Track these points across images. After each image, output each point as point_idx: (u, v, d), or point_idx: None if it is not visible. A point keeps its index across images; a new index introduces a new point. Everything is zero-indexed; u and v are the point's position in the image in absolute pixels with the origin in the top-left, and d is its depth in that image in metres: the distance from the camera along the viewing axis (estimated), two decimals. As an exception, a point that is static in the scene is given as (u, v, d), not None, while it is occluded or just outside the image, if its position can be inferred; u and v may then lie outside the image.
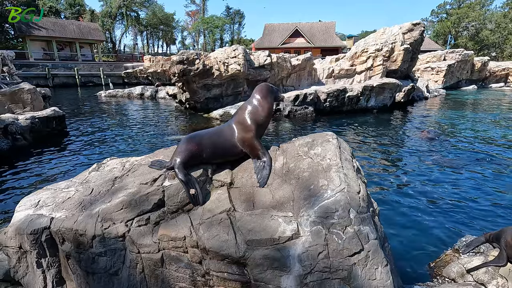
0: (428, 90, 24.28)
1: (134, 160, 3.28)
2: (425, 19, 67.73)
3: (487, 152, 9.04)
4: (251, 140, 2.83)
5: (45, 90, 12.86)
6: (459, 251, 3.65)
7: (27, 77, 25.16)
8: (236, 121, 2.91)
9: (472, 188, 6.35)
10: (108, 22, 52.75)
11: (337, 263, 2.04)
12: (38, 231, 2.54)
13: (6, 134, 8.53)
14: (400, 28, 18.78)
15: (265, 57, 15.65)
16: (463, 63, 31.64)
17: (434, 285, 3.14)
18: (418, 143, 10.16)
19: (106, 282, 2.48)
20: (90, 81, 32.48)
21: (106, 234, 2.40)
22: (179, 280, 2.30)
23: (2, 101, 9.98)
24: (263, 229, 2.20)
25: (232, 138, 2.85)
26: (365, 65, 17.99)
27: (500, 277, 2.96)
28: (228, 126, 2.95)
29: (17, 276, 2.81)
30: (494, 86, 34.84)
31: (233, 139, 2.85)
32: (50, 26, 37.64)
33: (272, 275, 2.07)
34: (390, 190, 6.26)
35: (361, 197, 2.33)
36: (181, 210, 2.52)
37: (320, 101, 15.40)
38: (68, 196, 2.86)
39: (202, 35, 67.42)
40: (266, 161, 2.78)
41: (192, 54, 14.02)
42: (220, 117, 13.84)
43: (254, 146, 2.83)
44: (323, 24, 50.45)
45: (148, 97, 22.65)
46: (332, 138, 2.94)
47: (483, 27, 56.71)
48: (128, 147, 9.67)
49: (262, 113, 2.90)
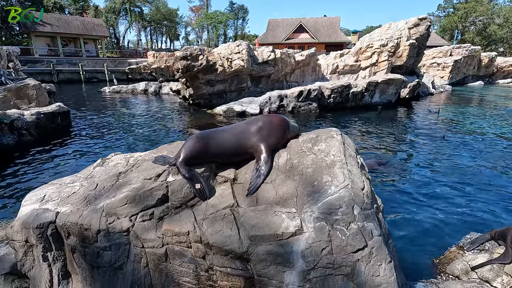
0: (434, 86, 24.00)
1: (138, 156, 3.30)
2: (431, 14, 66.74)
3: (494, 150, 8.94)
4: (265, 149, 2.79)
5: (50, 86, 12.95)
6: (464, 248, 3.62)
7: (32, 73, 25.28)
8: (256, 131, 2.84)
9: (477, 185, 6.29)
10: (112, 18, 52.78)
11: (340, 259, 2.03)
12: (44, 225, 2.57)
13: (12, 129, 8.62)
14: (406, 23, 18.52)
15: (269, 53, 15.56)
16: (470, 59, 31.17)
17: (438, 282, 3.12)
18: (423, 139, 10.07)
19: (111, 276, 2.51)
20: (94, 77, 32.58)
21: (111, 228, 2.42)
22: (183, 274, 2.32)
23: (8, 97, 10.06)
24: (267, 225, 2.20)
25: (243, 143, 2.80)
26: (370, 61, 17.81)
27: (505, 275, 2.94)
28: (241, 130, 2.87)
29: (24, 269, 2.86)
30: (501, 82, 34.34)
31: (244, 143, 2.80)
32: (54, 22, 37.73)
33: (275, 270, 2.08)
34: (394, 186, 6.22)
35: (365, 194, 2.32)
36: (185, 206, 2.53)
37: (324, 97, 15.31)
38: (73, 191, 2.88)
39: (206, 30, 67.24)
40: (264, 171, 2.67)
41: (195, 49, 13.99)
42: (224, 113, 13.83)
43: (263, 152, 2.79)
44: (327, 19, 49.92)
45: (152, 93, 22.70)
46: (336, 134, 2.92)
47: (491, 22, 55.71)
48: (132, 142, 9.72)
49: (275, 140, 2.88)
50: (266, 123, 2.90)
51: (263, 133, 2.83)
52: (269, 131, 2.85)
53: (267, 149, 2.77)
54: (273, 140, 2.85)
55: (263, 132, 2.83)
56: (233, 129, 2.93)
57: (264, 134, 2.83)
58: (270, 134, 2.85)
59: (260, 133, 2.82)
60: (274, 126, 2.91)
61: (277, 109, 14.30)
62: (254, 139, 2.80)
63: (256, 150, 2.78)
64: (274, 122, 2.93)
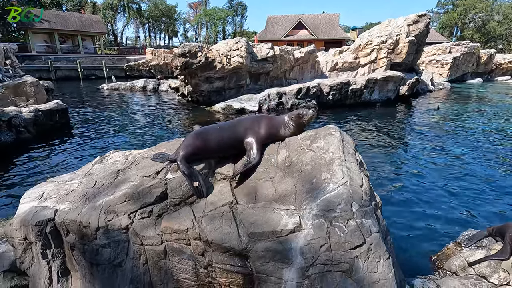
0: (433, 83, 24.00)
1: (137, 153, 3.29)
2: (431, 11, 66.47)
3: (492, 147, 8.97)
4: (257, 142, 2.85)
5: (47, 83, 12.85)
6: (461, 245, 3.65)
7: (30, 70, 25.13)
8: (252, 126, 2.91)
9: (475, 182, 6.32)
10: (109, 14, 52.42)
11: (339, 256, 2.04)
12: (42, 222, 2.57)
13: (10, 127, 8.58)
14: (405, 19, 18.48)
15: (267, 50, 15.50)
16: (469, 56, 31.16)
17: (436, 278, 3.15)
18: (421, 137, 10.09)
19: (110, 273, 2.52)
20: (92, 74, 32.40)
21: (110, 226, 2.42)
22: (182, 271, 2.32)
23: (6, 94, 10.01)
24: (266, 222, 2.21)
25: (241, 137, 2.86)
26: (369, 58, 17.78)
27: (502, 271, 2.96)
28: (243, 124, 2.93)
29: (23, 267, 2.86)
30: (500, 79, 34.36)
31: (241, 137, 2.86)
32: (52, 18, 37.43)
33: (274, 267, 2.09)
34: (393, 184, 6.24)
35: (364, 191, 2.32)
36: (184, 203, 2.53)
37: (323, 94, 15.29)
38: (71, 188, 2.88)
39: (205, 27, 66.90)
40: (253, 159, 2.74)
41: (194, 46, 13.92)
42: (223, 110, 13.80)
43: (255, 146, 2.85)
44: (326, 16, 49.72)
45: (150, 90, 22.62)
46: (335, 131, 2.92)
47: (490, 19, 55.61)
48: (131, 140, 9.70)
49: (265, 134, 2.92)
50: (258, 118, 3.02)
51: (255, 127, 2.91)
52: (260, 125, 2.94)
53: (257, 142, 2.84)
54: (263, 134, 2.92)
55: (255, 125, 2.92)
56: (230, 123, 3.01)
57: (256, 128, 2.91)
58: (261, 128, 2.93)
59: (252, 127, 2.91)
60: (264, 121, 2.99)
61: (276, 106, 14.28)
62: (248, 132, 2.88)
63: (247, 143, 2.86)
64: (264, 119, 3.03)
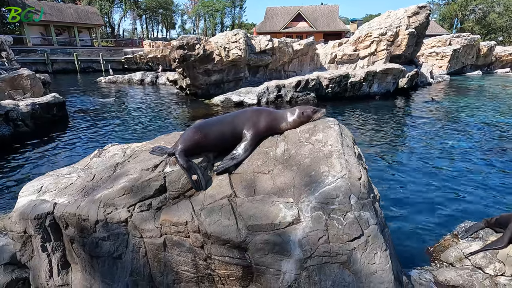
0: (432, 76, 23.92)
1: (135, 146, 3.28)
2: (431, 2, 65.67)
3: (490, 139, 8.99)
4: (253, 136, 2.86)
5: (44, 76, 12.75)
6: (458, 236, 3.69)
7: (26, 62, 24.85)
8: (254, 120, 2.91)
9: (472, 174, 6.36)
10: (106, 6, 51.57)
11: (337, 248, 2.06)
12: (41, 216, 2.57)
13: (7, 120, 8.53)
14: (406, 11, 18.30)
15: (266, 42, 15.37)
16: (469, 48, 30.95)
17: (433, 269, 3.19)
18: (420, 129, 10.10)
19: (110, 265, 2.54)
20: (89, 67, 32.06)
21: (109, 219, 2.43)
22: (181, 263, 2.34)
23: (2, 87, 9.92)
24: (264, 215, 2.22)
25: (240, 129, 2.86)
26: (369, 50, 17.66)
27: (497, 262, 3.00)
28: (243, 116, 2.92)
29: (23, 260, 2.88)
30: (499, 71, 34.24)
31: (241, 130, 2.86)
32: (47, 10, 36.80)
33: (273, 259, 2.10)
34: (391, 176, 6.28)
35: (362, 183, 2.33)
36: (183, 196, 2.54)
37: (322, 87, 15.23)
38: (70, 182, 2.88)
39: (203, 19, 66.08)
40: (238, 156, 2.74)
41: (192, 39, 13.78)
42: (221, 103, 13.74)
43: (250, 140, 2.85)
44: (326, 8, 49.18)
45: (148, 83, 22.46)
46: (333, 124, 2.92)
47: (491, 10, 55.11)
48: (129, 133, 9.67)
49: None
50: (255, 112, 3.01)
51: (254, 119, 2.90)
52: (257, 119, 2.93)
53: (253, 136, 2.83)
54: (263, 126, 2.92)
55: (255, 117, 2.91)
56: (230, 115, 2.99)
57: (256, 120, 2.91)
58: (261, 120, 2.92)
59: (252, 119, 2.90)
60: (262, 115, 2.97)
61: (275, 99, 14.22)
62: (247, 124, 2.88)
63: (244, 135, 2.86)
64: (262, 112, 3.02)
